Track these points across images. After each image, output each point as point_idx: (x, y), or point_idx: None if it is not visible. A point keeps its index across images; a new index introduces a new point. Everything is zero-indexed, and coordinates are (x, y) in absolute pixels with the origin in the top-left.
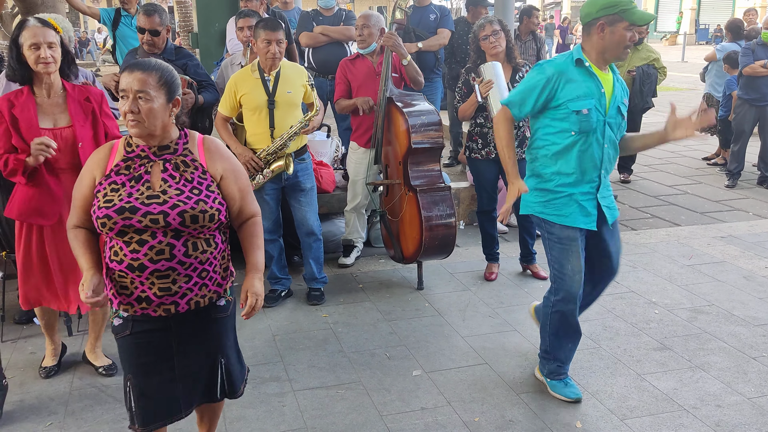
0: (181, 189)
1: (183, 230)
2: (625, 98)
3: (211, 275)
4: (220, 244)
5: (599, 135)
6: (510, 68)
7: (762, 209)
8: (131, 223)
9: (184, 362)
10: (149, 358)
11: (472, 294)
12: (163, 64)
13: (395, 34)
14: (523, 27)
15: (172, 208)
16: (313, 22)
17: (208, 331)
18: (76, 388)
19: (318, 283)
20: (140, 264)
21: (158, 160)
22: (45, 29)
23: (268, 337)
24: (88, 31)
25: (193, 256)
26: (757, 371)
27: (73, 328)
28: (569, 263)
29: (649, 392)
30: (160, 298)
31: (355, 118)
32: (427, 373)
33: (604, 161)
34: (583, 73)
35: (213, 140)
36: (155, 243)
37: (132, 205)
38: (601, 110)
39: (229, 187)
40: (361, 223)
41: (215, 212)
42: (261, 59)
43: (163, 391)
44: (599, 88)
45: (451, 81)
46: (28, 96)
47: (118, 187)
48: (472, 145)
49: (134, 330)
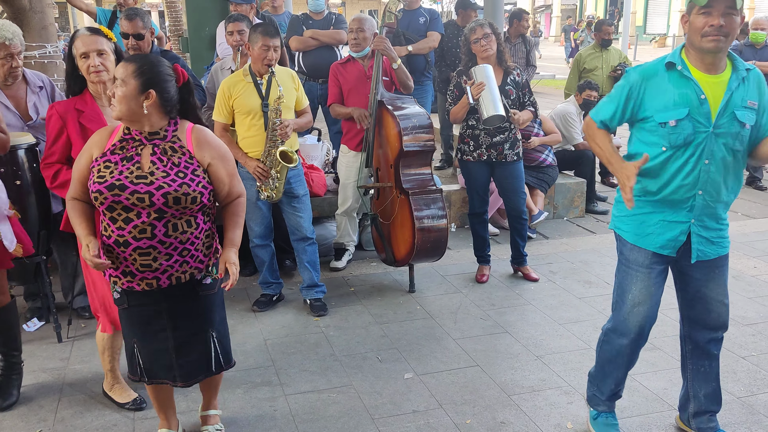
0: (167, 172)
1: (166, 210)
2: (750, 100)
3: (192, 253)
4: (202, 225)
5: (699, 150)
6: (501, 71)
7: (751, 209)
8: (119, 200)
9: (176, 335)
10: (147, 328)
11: (464, 296)
12: (142, 59)
13: (385, 37)
14: (513, 30)
15: (157, 189)
16: (303, 26)
17: (196, 308)
18: (66, 394)
19: (318, 293)
20: (125, 240)
21: (149, 144)
22: (95, 37)
23: (260, 342)
24: None
25: (173, 236)
26: (746, 370)
27: (63, 335)
28: (631, 292)
29: (640, 392)
30: (141, 273)
31: (346, 121)
32: (418, 375)
33: (701, 182)
34: (675, 78)
35: (201, 129)
36: (138, 222)
37: (121, 182)
38: (702, 120)
39: (218, 172)
40: (352, 227)
41: (197, 195)
42: (256, 64)
43: (163, 356)
44: (698, 93)
45: (442, 84)
46: (92, 103)
47: (110, 165)
48: (463, 147)
49: (131, 303)
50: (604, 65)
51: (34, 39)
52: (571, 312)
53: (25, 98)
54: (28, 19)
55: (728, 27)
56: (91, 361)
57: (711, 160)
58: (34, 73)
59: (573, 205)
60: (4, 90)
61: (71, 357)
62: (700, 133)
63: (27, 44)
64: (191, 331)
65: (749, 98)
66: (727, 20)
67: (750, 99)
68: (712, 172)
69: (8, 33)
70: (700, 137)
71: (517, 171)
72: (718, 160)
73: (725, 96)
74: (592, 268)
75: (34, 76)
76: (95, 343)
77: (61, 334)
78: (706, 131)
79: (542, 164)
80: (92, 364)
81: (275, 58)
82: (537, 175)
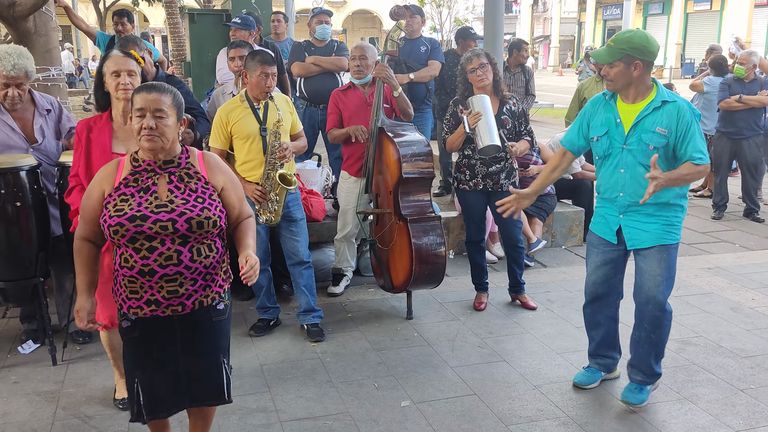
0: (186, 198)
1: (190, 236)
2: (659, 126)
3: (213, 277)
4: (221, 249)
5: (616, 161)
6: (497, 101)
7: (748, 241)
8: (142, 230)
9: (188, 361)
10: (157, 354)
11: (461, 324)
12: (173, 88)
13: (387, 65)
14: (513, 60)
15: (179, 215)
16: (305, 53)
17: (209, 332)
18: (59, 418)
19: (315, 318)
20: (150, 269)
21: (163, 173)
22: (126, 59)
23: (256, 367)
24: (81, 59)
25: (197, 261)
26: (745, 403)
27: (58, 357)
28: (587, 265)
29: (639, 425)
30: (168, 300)
31: (346, 147)
32: (415, 403)
33: (619, 185)
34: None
35: (212, 155)
36: (164, 249)
37: (142, 213)
38: (617, 138)
39: (229, 197)
40: (350, 252)
41: (217, 219)
42: (255, 90)
43: (170, 385)
44: (615, 118)
45: (441, 112)
46: (106, 121)
47: (127, 198)
48: (460, 176)
49: (142, 331)
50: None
51: (39, 62)
52: (569, 341)
53: (32, 120)
54: (32, 42)
55: (611, 76)
56: (85, 385)
57: (626, 169)
58: (42, 95)
59: (571, 234)
60: (11, 112)
61: (66, 380)
62: (615, 148)
63: None
64: (204, 357)
65: (658, 125)
66: (611, 71)
67: (659, 126)
68: (628, 179)
69: (7, 63)
70: (616, 151)
71: None
72: (631, 170)
73: (634, 121)
74: None
75: (42, 99)
76: (90, 366)
77: (56, 357)
78: (620, 147)
79: (541, 193)
80: (86, 387)
81: (273, 85)
82: (535, 203)
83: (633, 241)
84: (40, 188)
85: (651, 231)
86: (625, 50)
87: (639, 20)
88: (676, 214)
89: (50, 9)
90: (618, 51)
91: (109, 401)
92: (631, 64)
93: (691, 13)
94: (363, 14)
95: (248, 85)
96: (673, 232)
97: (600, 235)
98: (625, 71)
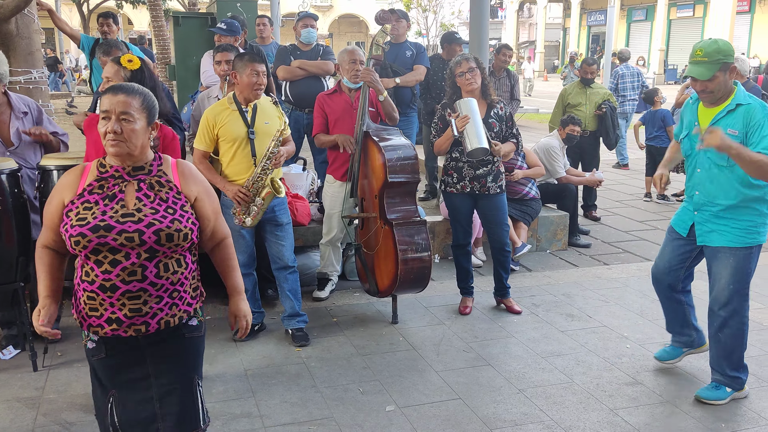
0: (156, 208)
1: (158, 249)
2: (730, 128)
3: (181, 295)
4: (191, 264)
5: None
6: (485, 104)
7: None
8: (106, 241)
9: (160, 382)
10: (126, 377)
11: (447, 328)
12: (145, 89)
13: (372, 69)
14: (496, 64)
15: (147, 226)
16: (291, 57)
17: (181, 351)
18: (40, 425)
19: (300, 322)
20: (112, 285)
21: (132, 180)
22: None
23: (240, 372)
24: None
25: (164, 277)
26: (727, 406)
27: (39, 363)
28: (661, 249)
29: (621, 427)
30: (130, 319)
31: (332, 151)
32: (400, 408)
33: (696, 183)
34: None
35: (186, 164)
36: (128, 264)
37: (107, 223)
38: (695, 140)
39: (203, 208)
40: (336, 257)
41: (188, 231)
42: (245, 91)
43: (143, 408)
44: (694, 120)
45: (427, 116)
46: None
47: (91, 206)
48: (447, 179)
49: (108, 352)
50: (587, 102)
51: (21, 64)
52: (554, 345)
53: (8, 123)
54: (14, 44)
55: (711, 88)
56: (66, 391)
57: (702, 170)
58: (20, 97)
59: (556, 238)
60: None
61: (46, 386)
62: (694, 150)
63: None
64: (176, 377)
65: (731, 126)
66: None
67: (731, 127)
68: (703, 178)
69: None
70: (695, 152)
71: (500, 203)
72: (707, 170)
73: (710, 123)
74: (575, 302)
75: (19, 101)
76: (71, 372)
77: (37, 363)
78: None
79: (525, 197)
80: (67, 394)
81: (264, 83)
82: (520, 207)
83: (702, 238)
84: (20, 192)
85: (722, 231)
86: (721, 59)
87: (623, 26)
88: (752, 218)
89: (32, 11)
90: (715, 63)
91: (90, 407)
92: (727, 70)
93: (674, 20)
94: (349, 18)
95: (238, 86)
96: (746, 236)
97: (673, 227)
98: (724, 79)
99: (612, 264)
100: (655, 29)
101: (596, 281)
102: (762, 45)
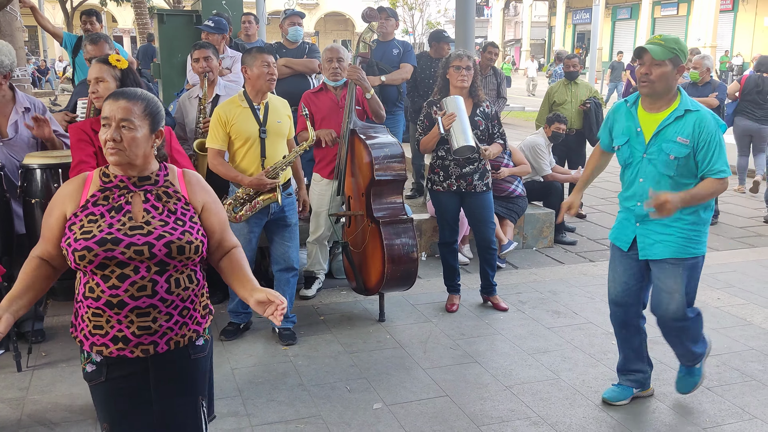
0: (165, 220)
1: (168, 263)
2: (680, 136)
3: (191, 313)
4: (201, 281)
5: (636, 170)
6: (471, 102)
7: (713, 242)
8: (114, 255)
9: (164, 407)
10: (127, 404)
11: (434, 326)
12: (149, 95)
13: (359, 67)
14: (482, 62)
15: (157, 239)
16: (277, 55)
17: (187, 372)
18: (24, 425)
19: (288, 322)
20: (120, 301)
21: (138, 191)
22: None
23: (227, 371)
24: (48, 59)
25: (175, 293)
26: (711, 401)
27: (23, 363)
28: (609, 272)
29: (607, 423)
30: (138, 338)
31: (318, 150)
32: (388, 406)
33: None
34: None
35: (193, 173)
36: (137, 278)
37: (114, 236)
38: (637, 147)
39: (209, 219)
40: (323, 255)
41: (199, 244)
42: (258, 82)
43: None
44: (635, 126)
45: (414, 114)
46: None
47: (96, 218)
48: (433, 177)
49: (109, 376)
50: (573, 99)
51: None
52: (540, 342)
53: (8, 116)
54: None
55: (654, 76)
56: (51, 392)
57: (645, 179)
58: (25, 95)
59: (542, 236)
60: None
61: (31, 387)
62: (636, 158)
63: None
64: (180, 399)
65: (679, 134)
66: (655, 70)
67: (680, 135)
68: (647, 189)
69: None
70: (636, 160)
71: (486, 201)
72: (651, 180)
73: (655, 130)
74: (561, 298)
75: (23, 98)
76: (56, 373)
77: (21, 363)
78: (640, 156)
79: (512, 195)
80: (52, 394)
81: (276, 73)
82: (506, 205)
83: (645, 251)
84: (3, 191)
85: (666, 242)
86: (675, 51)
87: (608, 25)
88: (695, 227)
89: (15, 9)
90: (669, 51)
91: (75, 408)
92: (677, 66)
93: (659, 18)
94: (335, 16)
95: (249, 80)
96: (690, 246)
97: (613, 242)
98: (670, 74)
99: (597, 261)
100: (640, 27)
101: (582, 278)
102: (745, 43)
